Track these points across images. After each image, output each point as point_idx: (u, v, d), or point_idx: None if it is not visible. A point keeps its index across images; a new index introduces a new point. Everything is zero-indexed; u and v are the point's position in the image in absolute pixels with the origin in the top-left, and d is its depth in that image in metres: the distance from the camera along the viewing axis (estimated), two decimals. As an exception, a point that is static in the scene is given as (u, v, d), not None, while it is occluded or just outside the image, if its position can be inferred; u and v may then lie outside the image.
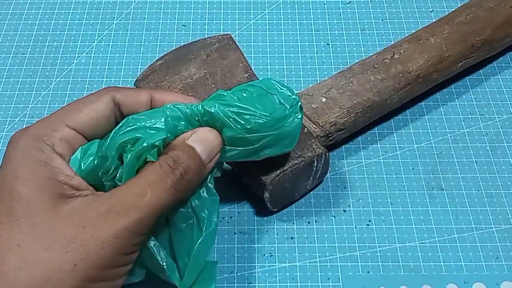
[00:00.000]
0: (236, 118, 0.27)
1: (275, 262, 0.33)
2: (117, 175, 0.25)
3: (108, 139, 0.26)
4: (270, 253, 0.33)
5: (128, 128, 0.26)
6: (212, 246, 0.28)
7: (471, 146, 0.38)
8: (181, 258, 0.27)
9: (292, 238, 0.34)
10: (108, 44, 0.45)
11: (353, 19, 0.47)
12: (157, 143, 0.25)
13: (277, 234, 0.34)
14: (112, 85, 0.36)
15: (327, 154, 0.33)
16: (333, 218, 0.35)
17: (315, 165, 0.33)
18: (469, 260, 0.33)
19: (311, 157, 0.32)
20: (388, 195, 0.36)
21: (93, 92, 0.27)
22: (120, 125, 0.26)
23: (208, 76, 0.37)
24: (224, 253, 0.33)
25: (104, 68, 0.43)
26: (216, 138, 0.27)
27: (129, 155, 0.25)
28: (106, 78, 0.42)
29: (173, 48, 0.39)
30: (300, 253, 0.33)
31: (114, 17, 0.47)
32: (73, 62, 0.44)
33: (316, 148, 0.33)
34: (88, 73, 0.43)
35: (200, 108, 0.27)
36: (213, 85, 0.37)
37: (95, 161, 0.25)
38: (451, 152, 0.38)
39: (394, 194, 0.36)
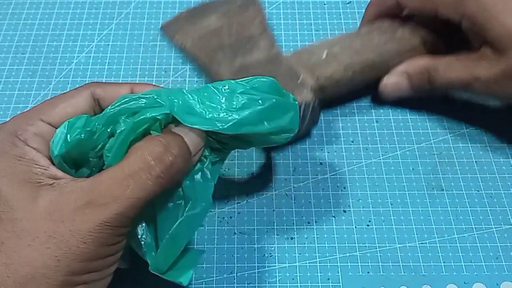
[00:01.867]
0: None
1: (275, 262, 0.33)
2: (106, 149, 0.24)
3: (100, 114, 0.25)
4: (270, 253, 0.33)
5: (124, 101, 0.24)
6: (194, 231, 0.27)
7: (471, 146, 0.38)
8: (162, 238, 0.25)
9: (292, 238, 0.34)
10: (108, 44, 0.45)
11: (353, 19, 0.47)
12: (159, 117, 0.24)
13: (277, 234, 0.34)
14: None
15: (315, 102, 0.34)
16: (333, 218, 0.35)
17: (302, 113, 0.34)
18: (469, 260, 0.33)
19: (299, 103, 0.30)
20: (388, 195, 0.36)
21: (74, 88, 0.27)
22: (114, 102, 0.25)
23: (223, 27, 0.39)
24: (224, 253, 0.33)
25: (104, 68, 0.43)
26: (200, 133, 0.25)
27: (123, 127, 0.24)
28: (106, 78, 0.42)
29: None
30: (300, 253, 0.33)
31: (114, 17, 0.47)
32: (73, 62, 0.44)
33: (306, 95, 0.33)
34: (88, 73, 0.43)
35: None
36: (227, 36, 0.39)
37: (82, 135, 0.24)
38: (451, 152, 0.38)
39: (394, 194, 0.36)
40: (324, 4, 0.48)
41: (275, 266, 0.33)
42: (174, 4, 0.48)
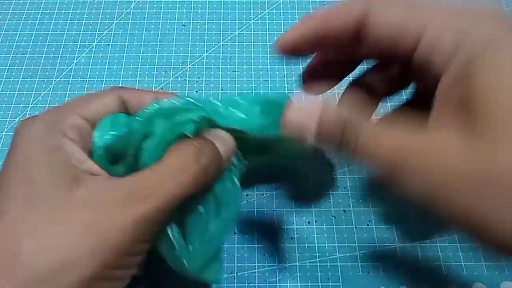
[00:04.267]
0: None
1: (275, 262, 0.33)
2: (143, 148, 0.25)
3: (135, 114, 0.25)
4: (270, 253, 0.33)
5: (159, 104, 0.25)
6: (226, 234, 0.28)
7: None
8: (192, 242, 0.26)
9: (292, 238, 0.34)
10: (108, 44, 0.45)
11: (353, 19, 0.46)
12: (196, 119, 0.25)
13: (277, 234, 0.34)
14: (112, 85, 0.36)
15: None
16: (333, 218, 0.35)
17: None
18: (469, 260, 0.33)
19: None
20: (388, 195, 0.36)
21: (99, 90, 0.27)
22: (148, 106, 0.26)
23: None
24: (224, 253, 0.33)
25: (104, 68, 0.43)
26: (231, 141, 0.27)
27: (161, 128, 0.25)
28: (106, 78, 0.42)
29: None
30: (300, 253, 0.33)
31: (114, 17, 0.47)
32: (73, 62, 0.44)
33: None
34: (88, 73, 0.43)
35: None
36: None
37: (125, 130, 0.25)
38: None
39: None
40: (324, 4, 0.48)
41: (275, 266, 0.33)
42: (174, 4, 0.48)
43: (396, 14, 0.21)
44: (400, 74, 0.26)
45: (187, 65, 0.43)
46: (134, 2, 0.48)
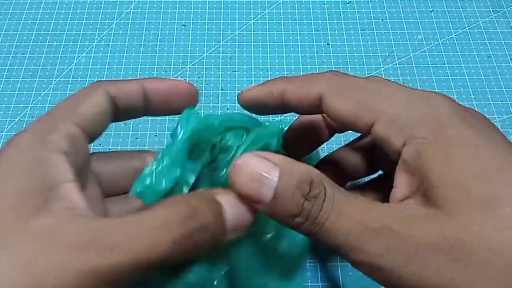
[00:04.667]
0: None
1: (275, 262, 0.33)
2: (218, 169, 0.23)
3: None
4: (270, 253, 0.33)
5: (225, 115, 0.24)
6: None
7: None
8: None
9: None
10: (108, 44, 0.45)
11: (353, 19, 0.47)
12: (278, 135, 0.24)
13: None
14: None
15: None
16: (333, 218, 0.35)
17: None
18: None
19: None
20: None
21: (81, 88, 0.25)
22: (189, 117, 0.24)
23: None
24: None
25: (104, 68, 0.43)
26: (246, 212, 0.21)
27: (246, 140, 0.23)
28: (106, 78, 0.42)
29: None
30: (300, 253, 0.33)
31: (114, 17, 0.47)
32: (73, 62, 0.44)
33: None
34: (88, 73, 0.43)
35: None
36: None
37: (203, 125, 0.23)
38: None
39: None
40: (324, 4, 0.48)
41: (275, 266, 0.33)
42: (174, 4, 0.48)
43: (345, 109, 0.22)
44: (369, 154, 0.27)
45: (187, 65, 0.43)
46: (134, 2, 0.48)
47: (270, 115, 0.28)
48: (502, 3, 0.48)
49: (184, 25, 0.46)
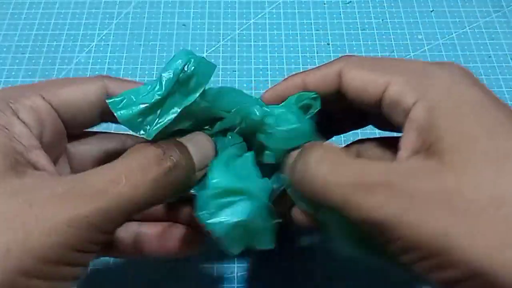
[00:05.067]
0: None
1: (275, 262, 0.33)
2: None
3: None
4: (270, 253, 0.33)
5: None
6: None
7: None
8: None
9: (292, 238, 0.34)
10: (108, 44, 0.45)
11: (353, 19, 0.47)
12: (314, 96, 0.24)
13: (276, 235, 0.34)
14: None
15: None
16: (333, 218, 0.35)
17: None
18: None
19: None
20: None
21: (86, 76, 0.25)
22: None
23: None
24: (224, 253, 0.33)
25: (104, 68, 0.43)
26: (211, 147, 0.24)
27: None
28: (106, 78, 0.42)
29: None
30: (300, 253, 0.33)
31: (114, 17, 0.47)
32: (73, 62, 0.44)
33: None
34: (88, 73, 0.43)
35: None
36: None
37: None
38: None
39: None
40: (324, 4, 0.48)
41: (275, 266, 0.33)
42: (174, 4, 0.48)
43: (361, 76, 0.23)
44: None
45: (187, 65, 0.43)
46: (134, 2, 0.48)
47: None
48: (502, 3, 0.48)
49: (184, 25, 0.46)
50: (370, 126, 0.28)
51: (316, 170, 0.20)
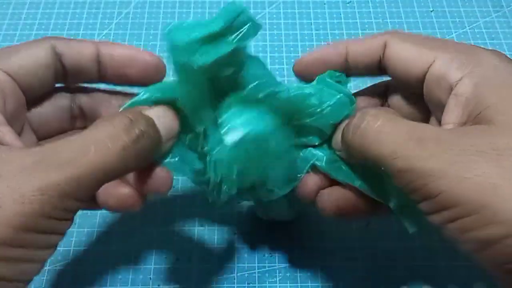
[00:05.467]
0: None
1: (275, 262, 0.33)
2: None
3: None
4: (270, 253, 0.33)
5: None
6: None
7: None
8: None
9: (292, 238, 0.34)
10: (108, 44, 0.45)
11: (353, 19, 0.46)
12: (341, 74, 0.26)
13: (277, 234, 0.34)
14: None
15: None
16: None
17: None
18: (470, 260, 0.33)
19: None
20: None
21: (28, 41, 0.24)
22: None
23: None
24: (224, 253, 0.33)
25: (104, 68, 0.43)
26: (175, 120, 0.23)
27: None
28: (106, 78, 0.42)
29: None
30: (300, 253, 0.33)
31: (114, 17, 0.47)
32: (73, 62, 0.44)
33: None
34: (88, 73, 0.43)
35: None
36: None
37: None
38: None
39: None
40: (324, 4, 0.48)
41: (275, 266, 0.33)
42: (174, 4, 0.48)
43: (408, 50, 0.24)
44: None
45: (187, 65, 0.43)
46: (134, 2, 0.48)
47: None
48: (502, 3, 0.47)
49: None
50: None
51: (370, 125, 0.21)
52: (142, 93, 0.23)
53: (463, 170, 0.18)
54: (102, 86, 0.27)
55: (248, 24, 0.23)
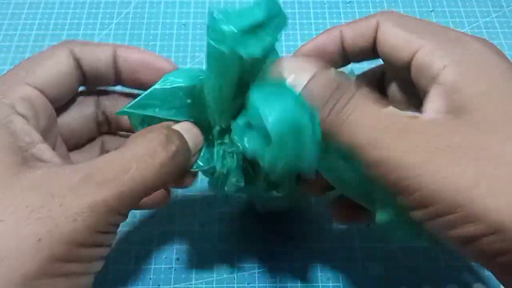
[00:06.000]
0: None
1: (275, 262, 0.33)
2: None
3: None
4: (270, 253, 0.33)
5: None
6: None
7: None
8: None
9: (292, 238, 0.34)
10: (108, 44, 0.45)
11: (353, 18, 0.46)
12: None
13: (277, 234, 0.34)
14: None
15: None
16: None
17: None
18: (468, 259, 0.33)
19: None
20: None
21: (47, 48, 0.24)
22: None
23: None
24: (224, 253, 0.33)
25: (104, 68, 0.43)
26: (200, 135, 0.24)
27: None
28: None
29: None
30: (300, 253, 0.33)
31: (114, 17, 0.47)
32: (73, 62, 0.44)
33: None
34: (88, 73, 0.43)
35: None
36: None
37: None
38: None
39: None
40: (324, 4, 0.48)
41: (275, 266, 0.33)
42: (174, 4, 0.48)
43: (397, 35, 0.23)
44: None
45: (187, 65, 0.43)
46: (134, 2, 0.48)
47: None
48: (502, 3, 0.48)
49: (184, 25, 0.46)
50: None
51: (346, 112, 0.20)
52: (161, 80, 0.23)
53: (440, 168, 0.18)
54: (118, 88, 0.27)
55: (281, 15, 0.22)
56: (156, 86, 0.23)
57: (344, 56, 0.26)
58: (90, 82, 0.25)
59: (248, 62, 0.21)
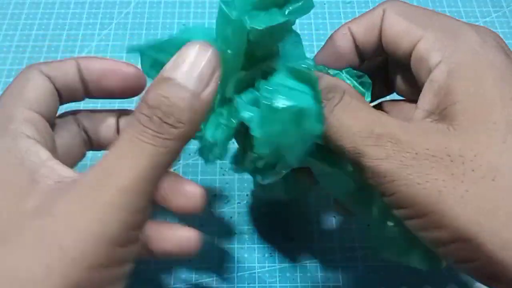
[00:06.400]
0: None
1: (275, 262, 0.33)
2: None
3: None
4: (270, 253, 0.33)
5: None
6: None
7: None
8: None
9: (292, 238, 0.34)
10: (108, 44, 0.45)
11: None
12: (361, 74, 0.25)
13: (277, 234, 0.34)
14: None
15: None
16: (333, 218, 0.35)
17: None
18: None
19: None
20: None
21: (18, 75, 0.23)
22: None
23: None
24: (224, 253, 0.33)
25: (104, 68, 0.43)
26: (206, 51, 0.20)
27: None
28: (106, 78, 0.42)
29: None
30: (300, 253, 0.33)
31: (114, 17, 0.47)
32: (73, 62, 0.44)
33: None
34: (88, 73, 0.43)
35: None
36: None
37: None
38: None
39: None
40: (324, 4, 0.48)
41: (275, 266, 0.33)
42: (174, 4, 0.48)
43: (399, 24, 0.23)
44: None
45: (187, 65, 0.43)
46: (134, 2, 0.48)
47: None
48: (502, 3, 0.48)
49: (184, 25, 0.46)
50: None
51: (334, 114, 0.20)
52: (180, 31, 0.23)
53: (415, 175, 0.18)
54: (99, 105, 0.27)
55: (306, 1, 0.22)
56: (175, 35, 0.23)
57: (360, 54, 0.26)
58: (64, 99, 0.24)
59: (254, 34, 0.21)
